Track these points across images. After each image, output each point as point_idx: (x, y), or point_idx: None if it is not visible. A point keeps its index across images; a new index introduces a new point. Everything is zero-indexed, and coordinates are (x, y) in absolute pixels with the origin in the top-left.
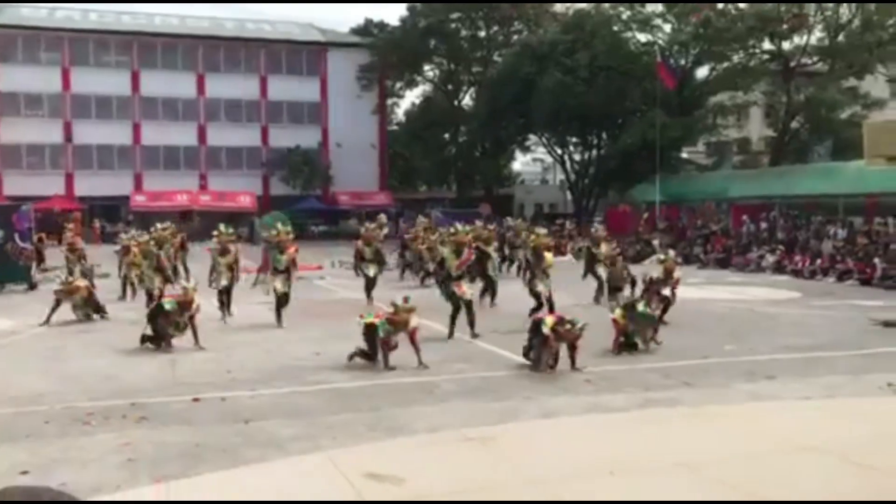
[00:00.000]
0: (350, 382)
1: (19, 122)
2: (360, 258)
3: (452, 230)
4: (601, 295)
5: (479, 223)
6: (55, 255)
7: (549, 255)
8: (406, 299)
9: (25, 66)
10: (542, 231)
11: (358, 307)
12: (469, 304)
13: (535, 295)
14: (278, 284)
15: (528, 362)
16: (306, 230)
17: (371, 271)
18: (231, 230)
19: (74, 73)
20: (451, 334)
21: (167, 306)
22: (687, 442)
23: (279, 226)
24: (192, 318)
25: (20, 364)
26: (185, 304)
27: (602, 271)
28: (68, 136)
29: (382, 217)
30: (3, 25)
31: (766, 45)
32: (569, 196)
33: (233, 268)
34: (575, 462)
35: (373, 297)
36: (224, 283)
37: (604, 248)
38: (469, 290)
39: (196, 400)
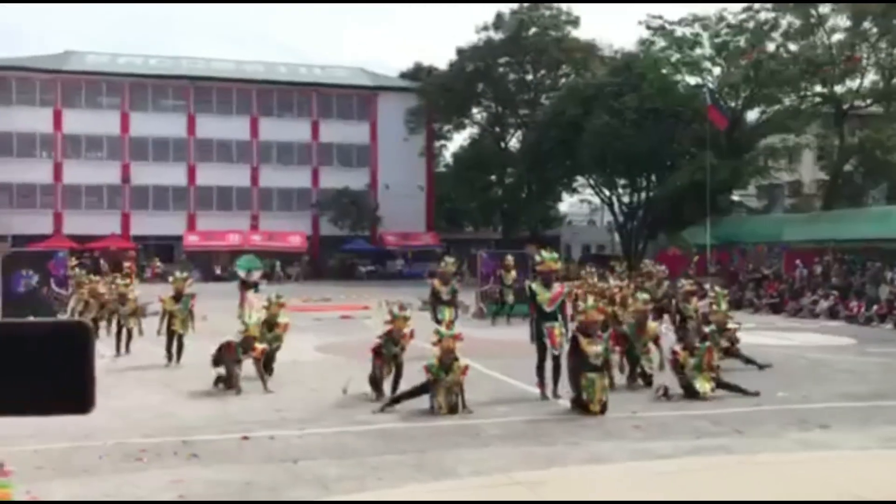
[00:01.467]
0: (396, 423)
1: (80, 163)
2: (436, 299)
3: (538, 258)
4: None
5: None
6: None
7: (652, 325)
8: (403, 307)
9: (87, 111)
10: (644, 295)
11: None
12: (557, 359)
13: (633, 363)
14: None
15: (573, 406)
16: (355, 270)
17: (446, 314)
18: (185, 274)
19: (133, 117)
20: (543, 394)
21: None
22: (737, 492)
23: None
24: (256, 360)
25: None
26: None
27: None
28: (126, 178)
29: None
30: (68, 71)
31: (818, 88)
32: (617, 238)
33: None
34: None
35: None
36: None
37: (694, 303)
38: (561, 338)
39: (245, 438)
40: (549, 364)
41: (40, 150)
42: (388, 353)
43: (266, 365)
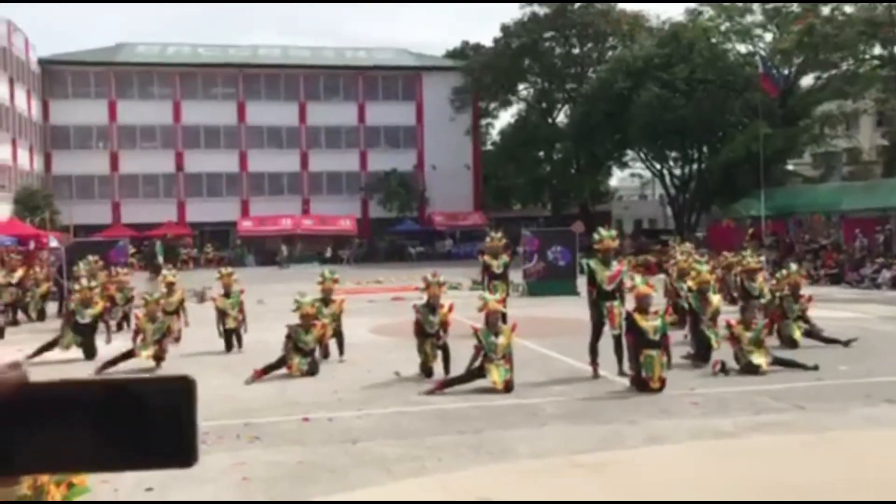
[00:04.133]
0: (453, 404)
1: (136, 153)
2: (488, 275)
3: (596, 237)
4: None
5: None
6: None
7: (715, 298)
8: (435, 273)
9: (140, 101)
10: (704, 267)
11: (460, 327)
12: (618, 338)
13: (702, 341)
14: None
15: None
16: (404, 252)
17: (499, 290)
18: (230, 270)
19: (185, 106)
20: (596, 372)
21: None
22: (810, 472)
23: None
24: (319, 340)
25: None
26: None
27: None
28: (180, 166)
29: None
30: (121, 63)
31: (877, 50)
32: (668, 211)
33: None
34: (690, 492)
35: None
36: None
37: (759, 282)
38: (620, 316)
39: (306, 420)
40: (610, 343)
41: (96, 142)
42: (425, 323)
43: (338, 339)
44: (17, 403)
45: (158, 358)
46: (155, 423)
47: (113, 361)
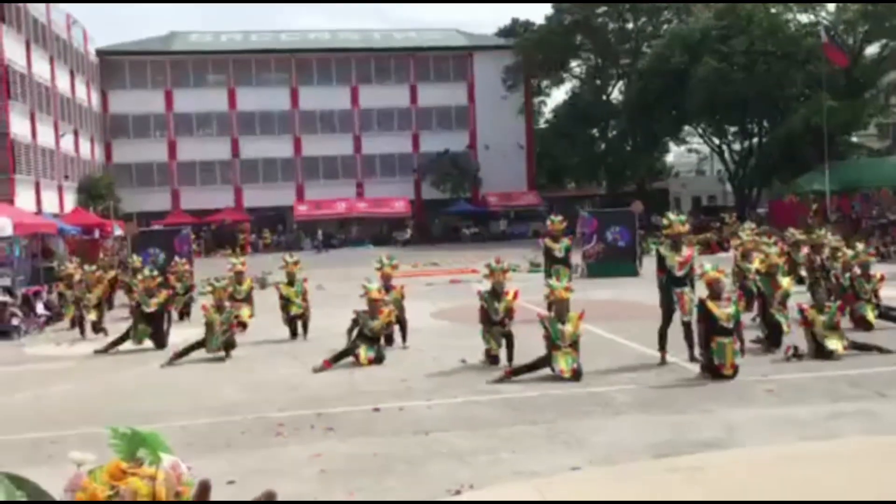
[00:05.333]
0: (522, 393)
1: (192, 141)
2: (549, 258)
3: (666, 222)
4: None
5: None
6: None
7: (785, 281)
8: (499, 259)
9: (196, 89)
10: (773, 248)
11: (523, 312)
12: (688, 324)
13: (773, 326)
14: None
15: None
16: (458, 233)
17: (562, 274)
18: (295, 258)
19: (239, 93)
20: (664, 359)
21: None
22: None
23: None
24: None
25: (208, 374)
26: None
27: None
28: (235, 152)
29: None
30: (175, 52)
31: None
32: (728, 188)
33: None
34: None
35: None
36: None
37: (841, 261)
38: (691, 302)
39: (376, 410)
40: (680, 330)
41: (154, 130)
42: (490, 310)
43: (401, 325)
44: None
45: (229, 346)
46: None
47: (184, 352)
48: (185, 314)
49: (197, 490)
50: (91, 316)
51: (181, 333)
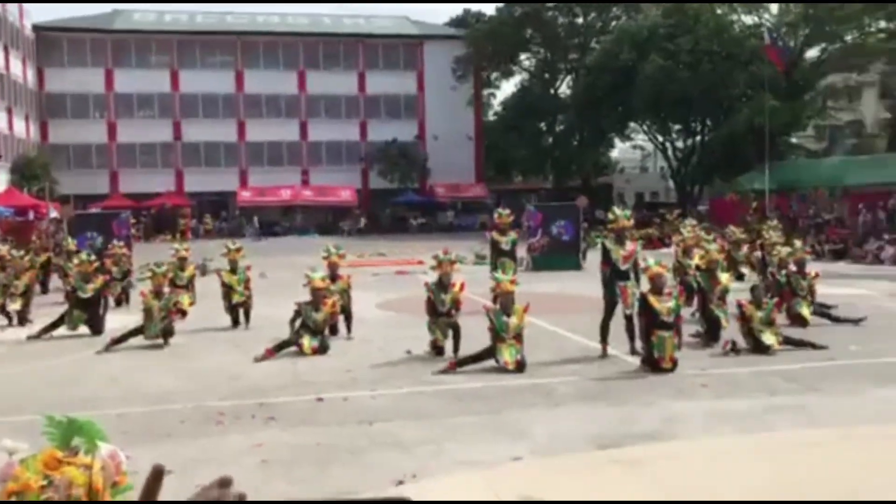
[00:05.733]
0: (467, 384)
1: (133, 122)
2: (495, 251)
3: (611, 216)
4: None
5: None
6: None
7: (724, 277)
8: (447, 251)
9: (137, 70)
10: (713, 246)
11: (469, 304)
12: (630, 318)
13: (712, 321)
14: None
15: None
16: (405, 223)
17: (507, 267)
18: (238, 245)
19: (182, 75)
20: (604, 352)
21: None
22: (855, 469)
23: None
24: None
25: (146, 361)
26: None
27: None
28: (178, 135)
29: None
30: (117, 31)
31: (882, 23)
32: (671, 184)
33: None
34: (740, 492)
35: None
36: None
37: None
38: (633, 296)
39: (320, 400)
40: (621, 322)
41: (93, 111)
42: (437, 301)
43: (346, 316)
44: None
45: (167, 334)
46: None
47: (122, 338)
48: (122, 300)
49: (150, 475)
50: (15, 305)
51: (119, 320)
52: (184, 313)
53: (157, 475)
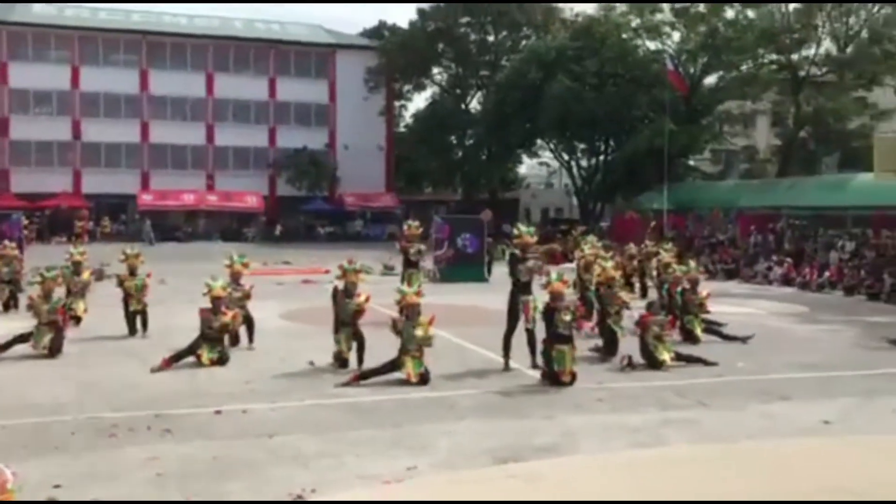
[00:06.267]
0: (369, 397)
1: (29, 119)
2: (406, 262)
3: (516, 232)
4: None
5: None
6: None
7: (621, 293)
8: (351, 260)
9: (35, 64)
10: (609, 263)
11: (375, 315)
12: (531, 332)
13: (609, 335)
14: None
15: (542, 378)
16: (314, 232)
17: (415, 279)
18: (137, 250)
19: (83, 72)
20: (507, 365)
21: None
22: (743, 485)
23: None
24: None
25: (36, 370)
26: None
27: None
28: (77, 134)
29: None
30: (14, 23)
31: (774, 56)
32: (574, 201)
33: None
34: None
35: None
36: None
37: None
38: (535, 311)
39: (218, 412)
40: (523, 337)
41: None
42: (344, 313)
43: (248, 326)
44: None
45: (54, 350)
46: None
47: (6, 345)
48: (11, 305)
49: None
50: None
51: (6, 325)
52: (78, 320)
53: None
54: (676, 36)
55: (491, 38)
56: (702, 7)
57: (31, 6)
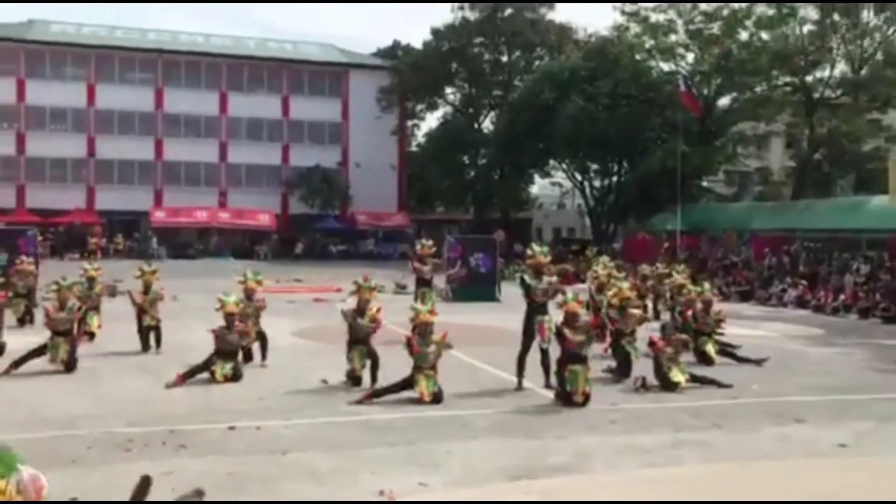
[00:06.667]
0: (382, 415)
1: (44, 135)
2: (419, 280)
3: (530, 252)
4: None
5: None
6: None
7: (636, 313)
8: (367, 277)
9: (52, 82)
10: (624, 283)
11: (388, 334)
12: (546, 352)
13: (623, 356)
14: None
15: (556, 398)
16: (326, 250)
17: (429, 303)
18: (153, 267)
19: (99, 89)
20: (520, 384)
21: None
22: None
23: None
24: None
25: (51, 385)
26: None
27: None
28: (91, 151)
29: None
30: (33, 41)
31: (788, 77)
32: (587, 222)
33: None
34: None
35: None
36: None
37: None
38: (550, 331)
39: (232, 428)
40: (537, 356)
41: (2, 121)
42: (358, 331)
43: (261, 343)
44: None
45: (70, 364)
46: None
47: (22, 359)
48: (27, 319)
49: (139, 483)
50: None
51: (21, 340)
52: (92, 335)
53: (145, 483)
54: (690, 57)
55: (504, 59)
56: (716, 29)
57: (49, 24)
